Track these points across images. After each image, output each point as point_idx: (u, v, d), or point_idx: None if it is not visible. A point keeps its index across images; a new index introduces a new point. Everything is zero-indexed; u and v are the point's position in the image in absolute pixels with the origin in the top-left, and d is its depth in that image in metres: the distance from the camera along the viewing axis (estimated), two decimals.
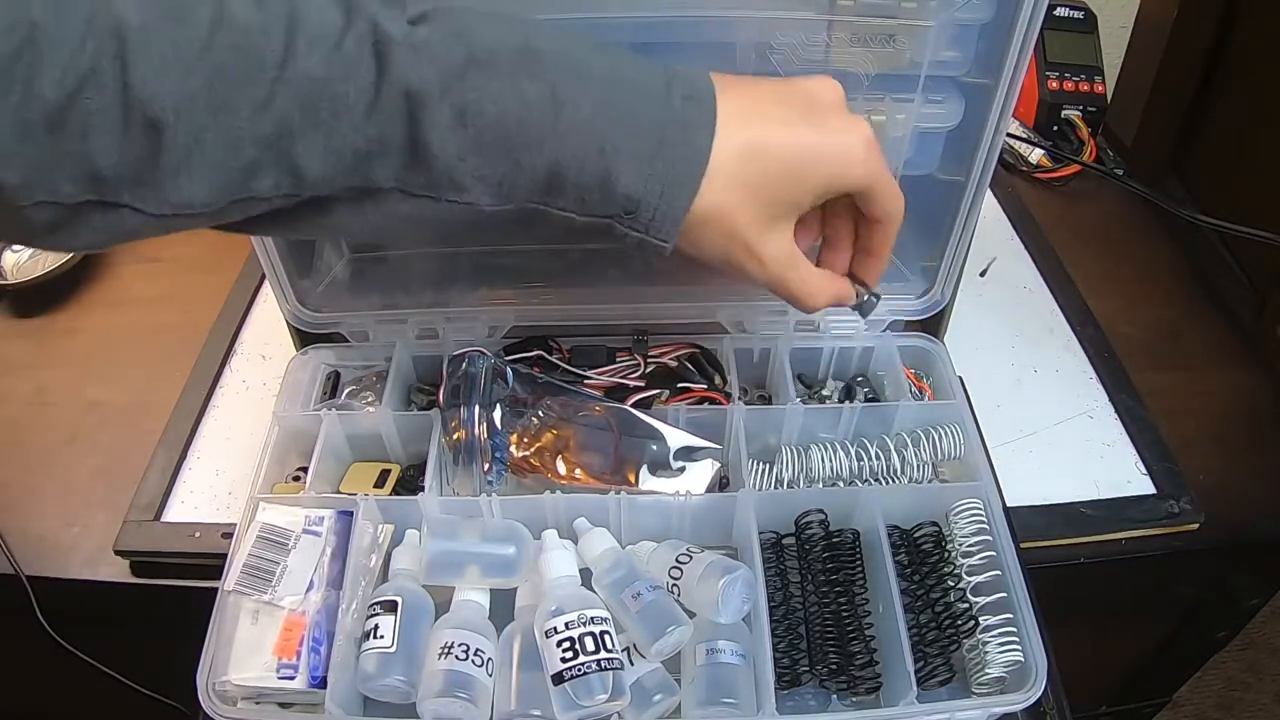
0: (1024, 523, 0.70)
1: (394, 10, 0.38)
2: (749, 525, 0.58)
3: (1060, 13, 1.07)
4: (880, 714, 0.54)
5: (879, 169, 0.45)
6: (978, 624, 0.56)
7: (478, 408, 0.60)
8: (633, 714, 0.52)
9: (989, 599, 0.56)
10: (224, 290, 0.91)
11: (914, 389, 0.69)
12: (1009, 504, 0.69)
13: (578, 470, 0.62)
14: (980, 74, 0.57)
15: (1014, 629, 0.55)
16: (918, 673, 0.54)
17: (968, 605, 0.57)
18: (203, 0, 0.35)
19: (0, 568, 0.71)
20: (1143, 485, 0.75)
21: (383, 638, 0.53)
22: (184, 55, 0.34)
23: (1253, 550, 0.77)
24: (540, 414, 0.63)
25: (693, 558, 0.57)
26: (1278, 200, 0.84)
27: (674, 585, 0.56)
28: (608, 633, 0.52)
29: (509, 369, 0.63)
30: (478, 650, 0.52)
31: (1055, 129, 1.08)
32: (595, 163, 0.39)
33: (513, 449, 0.61)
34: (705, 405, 0.67)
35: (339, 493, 0.65)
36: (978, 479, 0.62)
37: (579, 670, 0.50)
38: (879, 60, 0.55)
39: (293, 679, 0.52)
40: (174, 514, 0.72)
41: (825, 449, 0.65)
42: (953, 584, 0.59)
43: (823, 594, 0.60)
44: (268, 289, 0.86)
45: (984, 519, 0.59)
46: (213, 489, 0.74)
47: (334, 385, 0.71)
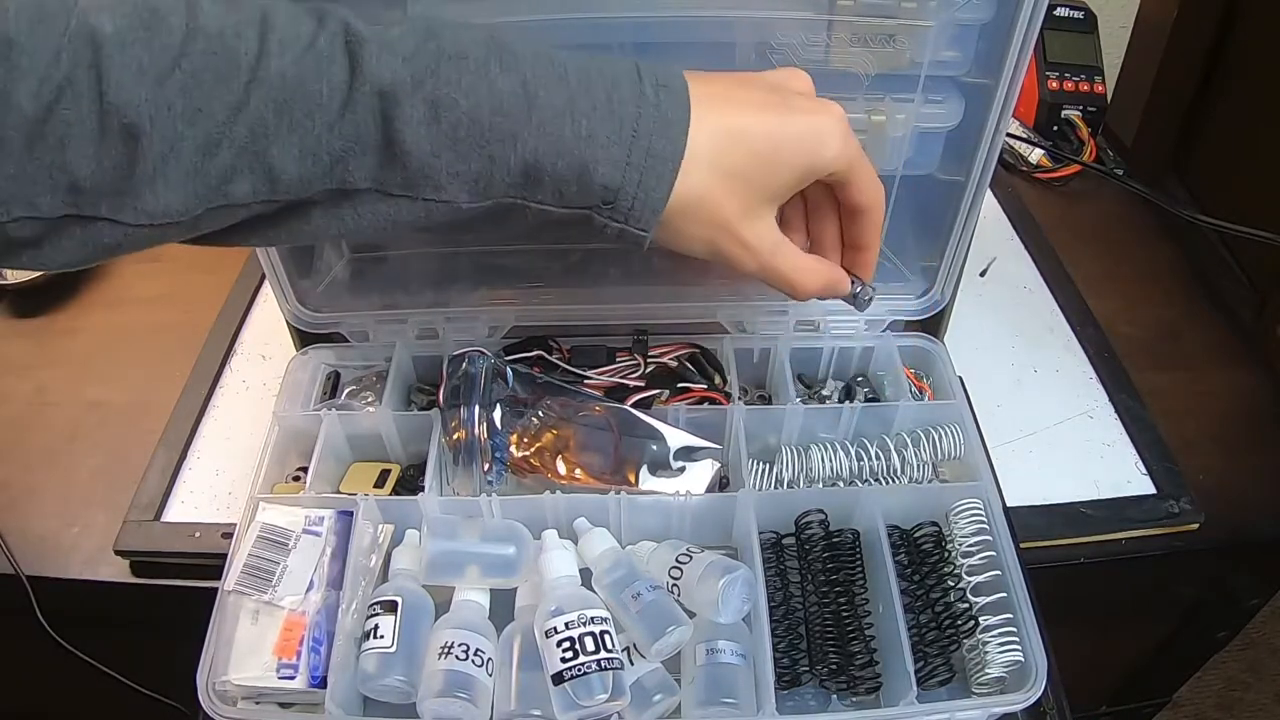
0: (1024, 523, 0.70)
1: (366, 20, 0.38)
2: (749, 525, 0.58)
3: (1060, 13, 1.07)
4: (880, 714, 0.54)
5: (855, 151, 0.46)
6: (978, 624, 0.56)
7: (478, 408, 0.60)
8: (633, 714, 0.52)
9: (989, 599, 0.56)
10: (224, 290, 0.91)
11: (914, 389, 0.69)
12: (1009, 504, 0.69)
13: (578, 470, 0.62)
14: (980, 74, 0.56)
15: (1014, 629, 0.55)
16: (918, 673, 0.54)
17: (968, 605, 0.57)
18: (176, 8, 0.35)
19: (0, 568, 0.71)
20: (1143, 485, 0.75)
21: (383, 638, 0.53)
22: (159, 61, 0.34)
23: (1253, 550, 0.77)
24: (540, 414, 0.63)
25: (693, 558, 0.57)
26: (1278, 200, 0.84)
27: (674, 585, 0.56)
28: (608, 633, 0.52)
29: (509, 369, 0.63)
30: (478, 650, 0.52)
31: (1055, 129, 1.08)
32: (571, 153, 0.39)
33: (513, 449, 0.61)
34: (705, 405, 0.67)
35: (339, 493, 0.65)
36: (978, 479, 0.62)
37: (579, 670, 0.50)
38: (879, 60, 0.55)
39: (293, 679, 0.52)
40: (174, 514, 0.72)
41: (825, 449, 0.65)
42: (953, 584, 0.59)
43: (823, 594, 0.59)
44: (268, 289, 0.86)
45: (984, 519, 0.59)
46: (213, 489, 0.74)
47: (334, 385, 0.71)
